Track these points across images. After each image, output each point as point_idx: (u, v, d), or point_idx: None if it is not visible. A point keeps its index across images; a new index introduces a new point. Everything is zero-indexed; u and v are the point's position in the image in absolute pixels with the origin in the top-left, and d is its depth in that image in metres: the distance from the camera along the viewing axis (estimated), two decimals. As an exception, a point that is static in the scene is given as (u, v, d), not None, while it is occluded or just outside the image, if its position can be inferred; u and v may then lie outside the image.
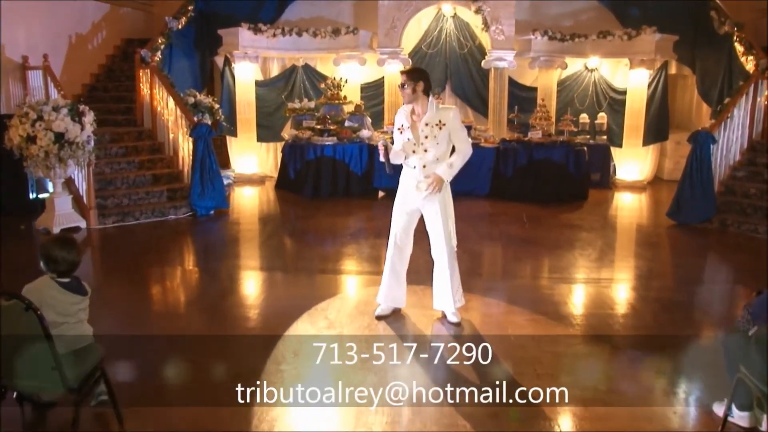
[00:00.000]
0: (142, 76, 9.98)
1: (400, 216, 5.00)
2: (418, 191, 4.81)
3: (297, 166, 10.37)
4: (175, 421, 3.71)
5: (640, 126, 11.31)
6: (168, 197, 9.09)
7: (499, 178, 10.26)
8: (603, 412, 3.79)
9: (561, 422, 3.73)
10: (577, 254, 7.24)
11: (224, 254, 7.43)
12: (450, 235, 4.92)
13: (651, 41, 10.75)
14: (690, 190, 8.45)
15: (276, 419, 3.73)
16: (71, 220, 8.16)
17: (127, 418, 3.68)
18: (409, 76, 4.79)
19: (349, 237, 7.98)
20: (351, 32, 11.20)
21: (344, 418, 3.76)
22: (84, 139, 7.82)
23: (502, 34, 10.97)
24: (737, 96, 9.00)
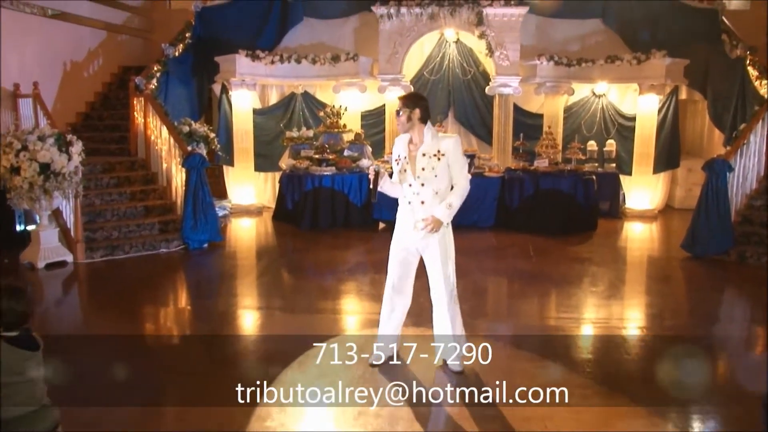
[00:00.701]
0: (136, 104, 9.71)
1: (396, 258, 4.60)
2: (416, 231, 4.43)
3: (295, 197, 10.03)
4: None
5: (650, 153, 10.94)
6: (160, 230, 8.74)
7: (505, 208, 9.88)
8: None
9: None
10: (588, 291, 6.83)
11: (214, 292, 7.03)
12: (449, 279, 4.51)
13: (661, 66, 10.43)
14: (706, 220, 8.04)
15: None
16: (57, 254, 7.82)
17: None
18: (404, 102, 4.43)
19: (347, 273, 7.58)
20: (351, 58, 10.93)
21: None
22: (71, 169, 7.51)
23: (507, 60, 10.68)
24: (753, 121, 8.63)
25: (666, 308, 6.32)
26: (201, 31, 11.45)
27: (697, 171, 11.44)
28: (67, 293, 7.20)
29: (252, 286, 7.11)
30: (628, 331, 5.64)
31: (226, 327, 5.67)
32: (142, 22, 13.03)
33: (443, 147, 4.37)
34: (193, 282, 7.63)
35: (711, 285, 7.24)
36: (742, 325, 6.15)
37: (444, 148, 4.37)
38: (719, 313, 6.54)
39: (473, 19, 10.61)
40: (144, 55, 12.64)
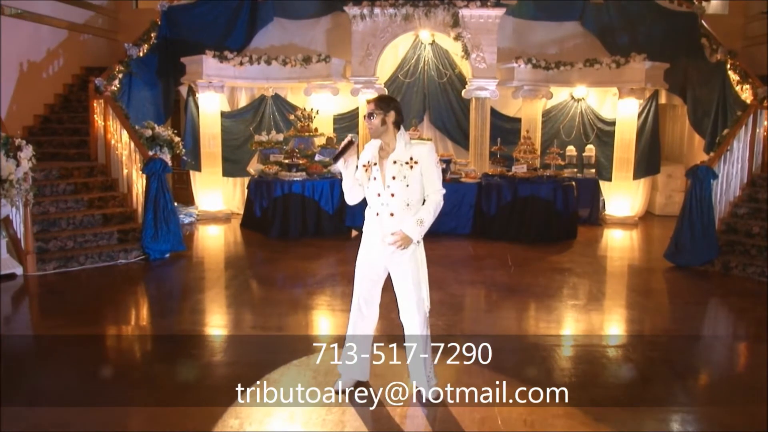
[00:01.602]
0: (96, 107, 9.23)
1: (363, 275, 4.19)
2: (383, 245, 4.04)
3: (263, 203, 9.59)
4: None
5: (630, 159, 10.70)
6: (119, 239, 8.27)
7: (482, 216, 9.55)
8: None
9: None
10: (569, 304, 6.49)
11: (170, 309, 6.54)
12: (422, 302, 4.09)
13: (641, 69, 10.18)
14: (689, 229, 7.76)
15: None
16: (6, 267, 7.31)
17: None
18: (377, 104, 4.00)
19: (317, 285, 7.16)
20: (323, 60, 10.55)
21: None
22: (20, 176, 7.02)
23: (484, 62, 10.37)
24: (736, 127, 8.39)
25: (654, 324, 6.00)
26: (167, 31, 11.00)
27: (677, 177, 11.28)
28: (17, 309, 6.69)
29: (211, 302, 6.64)
30: (613, 351, 5.30)
31: (175, 351, 5.18)
32: (106, 22, 12.51)
33: (416, 154, 3.98)
34: (151, 297, 7.14)
35: (696, 299, 6.94)
36: (736, 342, 5.83)
37: (417, 156, 3.98)
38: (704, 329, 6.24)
39: (449, 20, 10.29)
40: (108, 56, 12.10)
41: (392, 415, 4.03)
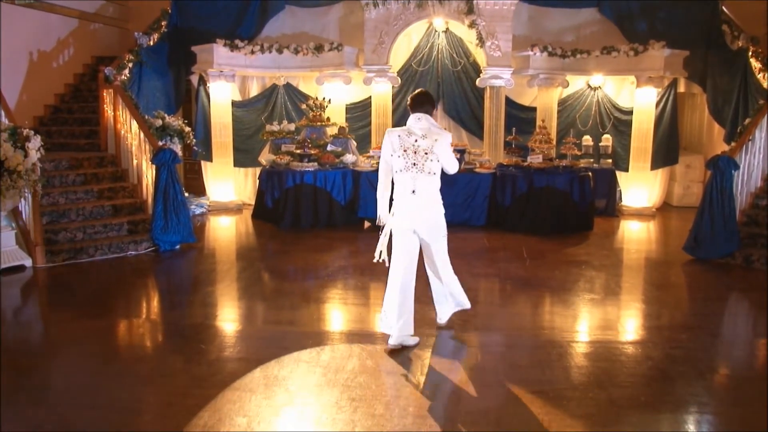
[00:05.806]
0: (106, 97, 9.15)
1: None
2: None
3: (275, 194, 9.48)
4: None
5: (647, 148, 10.49)
6: (129, 230, 8.19)
7: (497, 207, 9.39)
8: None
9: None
10: (587, 299, 6.32)
11: (180, 301, 6.43)
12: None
13: (660, 57, 9.95)
14: (710, 221, 7.57)
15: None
16: (15, 258, 7.26)
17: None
18: None
19: (329, 277, 7.04)
20: (335, 48, 10.40)
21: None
22: (28, 167, 6.94)
23: (499, 50, 10.18)
24: (758, 116, 8.15)
25: (676, 321, 5.82)
26: (178, 19, 10.91)
27: (696, 167, 11.06)
28: (25, 301, 6.62)
29: (221, 295, 6.54)
30: (633, 348, 5.13)
31: (183, 347, 5.08)
32: (116, 11, 12.41)
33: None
34: (161, 289, 7.04)
35: (716, 294, 6.75)
36: (761, 340, 5.64)
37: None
38: (726, 325, 6.05)
39: (463, 7, 10.11)
40: (119, 45, 12.04)
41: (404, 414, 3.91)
